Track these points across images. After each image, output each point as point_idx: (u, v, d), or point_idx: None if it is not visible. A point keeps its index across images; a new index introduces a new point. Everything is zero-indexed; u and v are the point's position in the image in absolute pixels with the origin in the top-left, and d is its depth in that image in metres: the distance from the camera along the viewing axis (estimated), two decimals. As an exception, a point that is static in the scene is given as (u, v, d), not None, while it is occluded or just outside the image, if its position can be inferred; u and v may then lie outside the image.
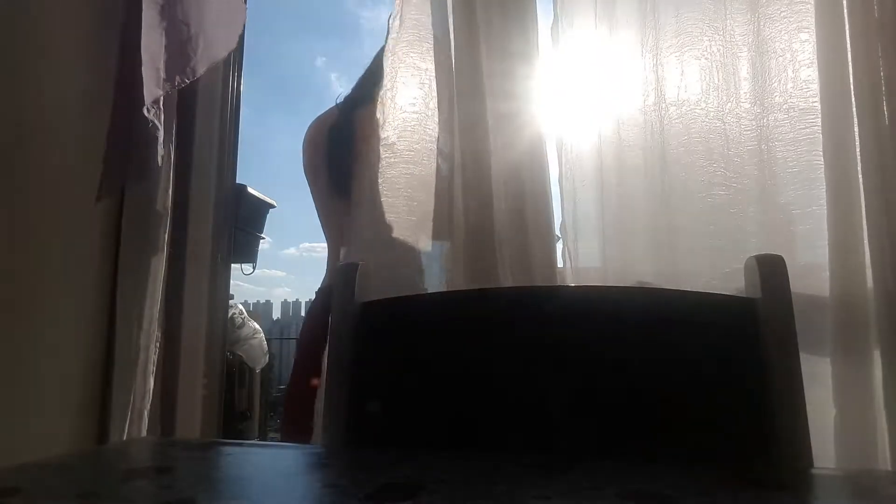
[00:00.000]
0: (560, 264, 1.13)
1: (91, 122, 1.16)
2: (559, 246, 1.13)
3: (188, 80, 1.14)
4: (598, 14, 1.15)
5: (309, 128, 1.38)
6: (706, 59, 1.10)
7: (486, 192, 1.12)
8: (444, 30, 1.18)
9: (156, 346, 1.18)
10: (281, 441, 1.60)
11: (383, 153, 1.15)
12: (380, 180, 1.15)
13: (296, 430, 1.26)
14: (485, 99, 1.15)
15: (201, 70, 1.16)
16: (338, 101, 1.36)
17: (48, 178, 1.08)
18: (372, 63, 1.35)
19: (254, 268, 2.59)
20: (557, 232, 1.14)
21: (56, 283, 1.09)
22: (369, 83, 1.32)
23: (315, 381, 1.11)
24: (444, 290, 1.11)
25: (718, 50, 1.09)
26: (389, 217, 1.15)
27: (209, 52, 1.17)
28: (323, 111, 1.39)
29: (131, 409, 1.13)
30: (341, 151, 1.28)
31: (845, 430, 0.92)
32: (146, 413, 1.15)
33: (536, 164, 1.13)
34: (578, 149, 1.14)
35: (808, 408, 0.59)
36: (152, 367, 1.17)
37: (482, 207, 1.11)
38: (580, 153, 1.14)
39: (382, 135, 1.16)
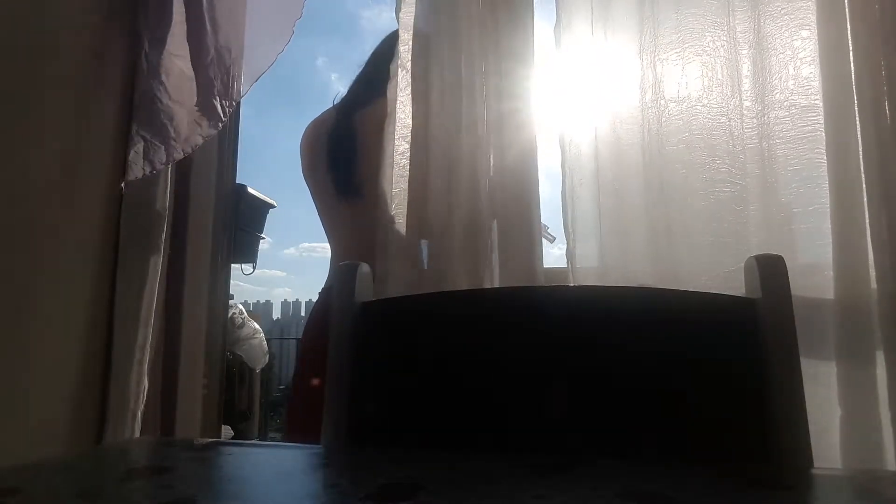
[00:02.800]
0: (564, 264, 1.13)
1: (91, 121, 1.16)
2: (563, 247, 1.13)
3: (235, 102, 1.22)
4: (595, 13, 1.15)
5: (306, 130, 1.38)
6: (707, 55, 1.09)
7: (475, 191, 1.12)
8: (438, 29, 1.19)
9: (150, 347, 1.18)
10: (285, 440, 1.60)
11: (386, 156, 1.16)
12: (384, 180, 1.16)
13: (301, 431, 1.26)
14: (483, 98, 1.15)
15: (245, 91, 1.23)
16: (335, 102, 1.36)
17: (48, 177, 1.08)
18: (367, 64, 1.35)
19: (254, 268, 2.59)
20: (557, 233, 1.14)
21: (55, 282, 1.09)
22: (368, 85, 1.33)
23: (319, 382, 1.11)
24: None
25: (720, 47, 1.09)
26: (396, 219, 1.15)
27: (250, 71, 1.24)
28: (324, 110, 1.39)
29: (126, 410, 1.13)
30: (343, 152, 1.28)
31: (851, 430, 0.92)
32: (139, 413, 1.15)
33: (525, 164, 1.13)
34: (578, 148, 1.14)
35: (814, 408, 0.59)
36: (147, 368, 1.17)
37: (472, 208, 1.12)
38: (579, 152, 1.14)
39: (387, 137, 1.17)
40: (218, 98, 1.18)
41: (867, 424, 0.92)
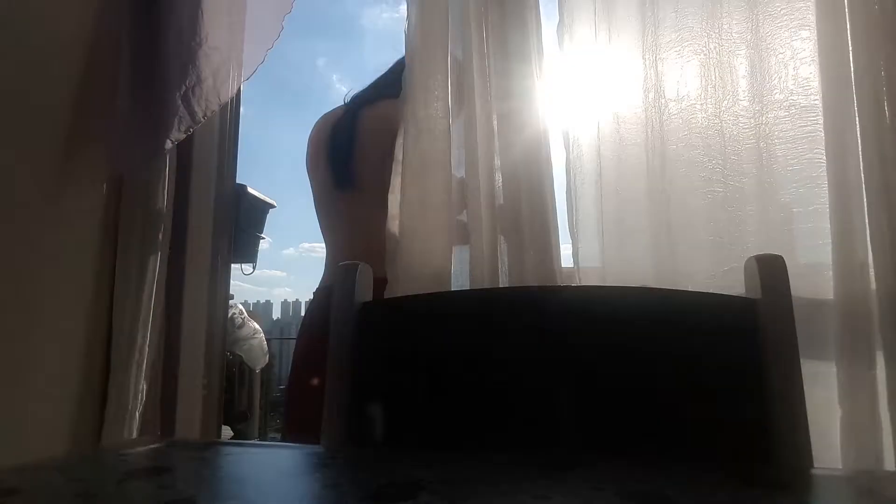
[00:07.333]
0: (570, 264, 1.12)
1: (89, 121, 1.16)
2: (569, 246, 1.13)
3: (222, 102, 1.19)
4: (597, 13, 1.15)
5: (315, 124, 1.41)
6: (705, 55, 1.09)
7: (489, 193, 1.12)
8: (447, 30, 1.18)
9: (148, 347, 1.18)
10: (283, 440, 1.60)
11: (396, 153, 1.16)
12: (393, 178, 1.16)
13: (298, 430, 1.26)
14: (489, 99, 1.15)
15: (233, 91, 1.21)
16: (345, 100, 1.39)
17: (47, 177, 1.08)
18: (391, 69, 1.36)
19: (254, 268, 2.59)
20: (563, 233, 1.13)
21: (55, 282, 1.09)
22: (381, 85, 1.34)
23: (315, 381, 1.11)
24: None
25: (717, 47, 1.09)
26: (402, 217, 1.15)
27: (241, 70, 1.22)
28: (326, 111, 1.42)
29: (125, 410, 1.13)
30: (343, 145, 1.30)
31: (851, 430, 0.92)
32: (138, 414, 1.15)
33: (535, 164, 1.13)
34: (580, 148, 1.14)
35: (814, 409, 0.59)
36: (145, 368, 1.17)
37: (485, 209, 1.11)
38: (581, 153, 1.14)
39: (398, 137, 1.16)
40: (198, 98, 1.16)
41: (867, 425, 0.92)
